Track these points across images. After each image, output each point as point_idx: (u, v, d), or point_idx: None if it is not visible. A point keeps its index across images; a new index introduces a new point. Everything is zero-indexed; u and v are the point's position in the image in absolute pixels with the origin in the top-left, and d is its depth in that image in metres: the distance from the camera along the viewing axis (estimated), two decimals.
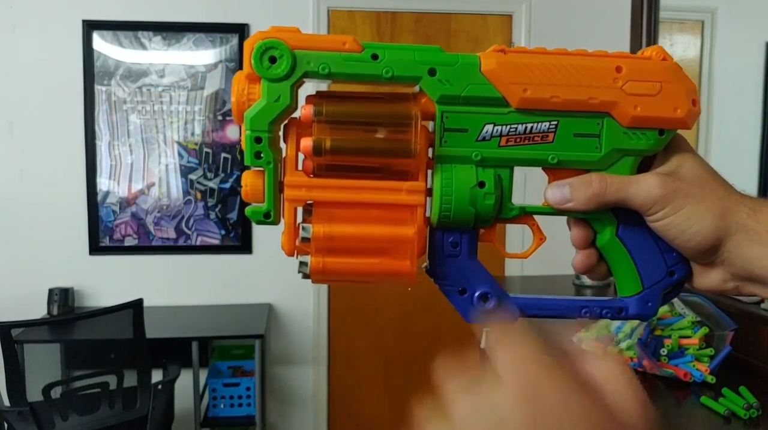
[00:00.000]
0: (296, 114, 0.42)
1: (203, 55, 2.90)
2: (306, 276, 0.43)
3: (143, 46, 2.87)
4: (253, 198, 0.42)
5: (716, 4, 2.20)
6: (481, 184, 0.42)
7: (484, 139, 0.43)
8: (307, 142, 0.41)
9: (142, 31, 2.86)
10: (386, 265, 0.41)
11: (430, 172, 0.43)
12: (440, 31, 2.99)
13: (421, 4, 2.96)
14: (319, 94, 0.42)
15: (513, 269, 3.01)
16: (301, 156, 0.42)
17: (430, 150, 0.43)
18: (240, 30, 2.88)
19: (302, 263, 0.42)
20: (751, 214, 0.41)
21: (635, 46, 1.92)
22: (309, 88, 0.44)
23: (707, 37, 2.16)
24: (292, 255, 0.42)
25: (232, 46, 2.89)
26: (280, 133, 0.43)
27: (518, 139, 0.43)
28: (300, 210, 0.42)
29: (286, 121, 0.42)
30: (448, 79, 0.42)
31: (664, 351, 1.36)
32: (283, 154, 0.42)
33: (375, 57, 0.41)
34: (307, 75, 0.41)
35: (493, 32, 3.01)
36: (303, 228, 0.42)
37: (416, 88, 0.43)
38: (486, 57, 0.42)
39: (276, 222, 0.43)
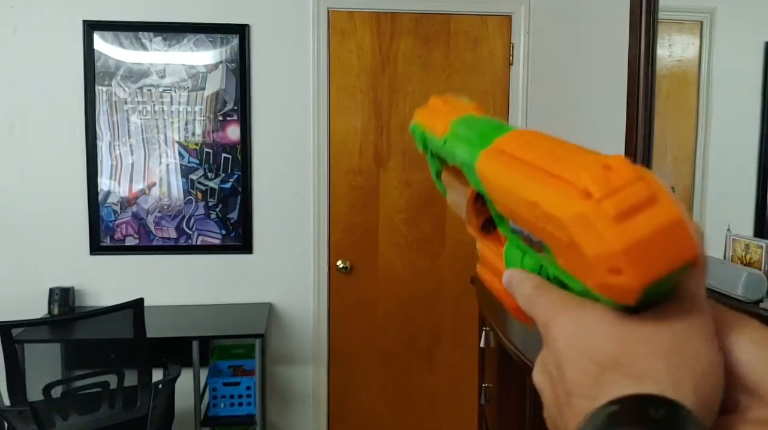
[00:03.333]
0: None
1: (204, 56, 2.90)
2: None
3: (144, 47, 2.87)
4: None
5: (715, 4, 2.20)
6: None
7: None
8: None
9: (142, 32, 2.86)
10: None
11: None
12: (440, 31, 3.00)
13: (421, 4, 2.96)
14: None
15: None
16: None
17: None
18: (240, 30, 2.88)
19: None
20: None
21: (634, 46, 1.92)
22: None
23: (706, 37, 2.16)
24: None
25: (232, 46, 2.89)
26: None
27: None
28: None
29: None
30: None
31: None
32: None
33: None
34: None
35: (492, 33, 3.02)
36: None
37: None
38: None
39: None
